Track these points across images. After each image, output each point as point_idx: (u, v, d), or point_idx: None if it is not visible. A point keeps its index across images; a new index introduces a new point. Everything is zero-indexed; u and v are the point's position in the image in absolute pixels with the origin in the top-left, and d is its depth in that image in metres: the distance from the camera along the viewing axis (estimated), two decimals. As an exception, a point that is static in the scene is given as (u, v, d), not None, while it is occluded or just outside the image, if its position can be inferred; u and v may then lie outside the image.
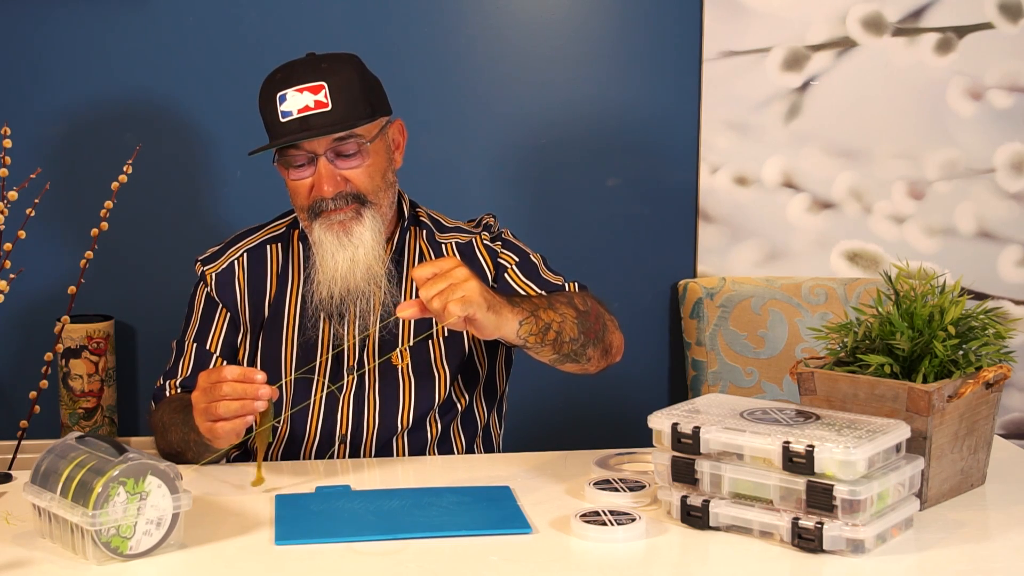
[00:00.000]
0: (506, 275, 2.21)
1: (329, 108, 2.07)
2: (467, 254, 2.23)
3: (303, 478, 2.00)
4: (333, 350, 2.17)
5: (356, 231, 2.11)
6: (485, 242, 2.25)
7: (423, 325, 2.18)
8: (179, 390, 2.19)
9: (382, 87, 2.19)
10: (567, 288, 2.21)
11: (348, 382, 2.17)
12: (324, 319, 2.16)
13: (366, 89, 2.13)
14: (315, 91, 2.08)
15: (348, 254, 2.10)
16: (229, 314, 2.22)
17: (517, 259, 2.23)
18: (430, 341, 2.19)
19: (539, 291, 2.20)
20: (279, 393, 1.92)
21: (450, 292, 1.82)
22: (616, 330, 2.15)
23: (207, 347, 2.21)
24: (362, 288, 2.12)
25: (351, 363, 2.18)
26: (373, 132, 2.13)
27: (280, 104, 2.09)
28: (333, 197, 2.09)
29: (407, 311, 1.84)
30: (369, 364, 2.17)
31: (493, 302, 1.88)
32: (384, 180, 2.16)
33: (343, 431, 2.17)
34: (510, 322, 1.91)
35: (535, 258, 2.25)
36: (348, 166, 2.11)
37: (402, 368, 2.18)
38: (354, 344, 2.17)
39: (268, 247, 2.25)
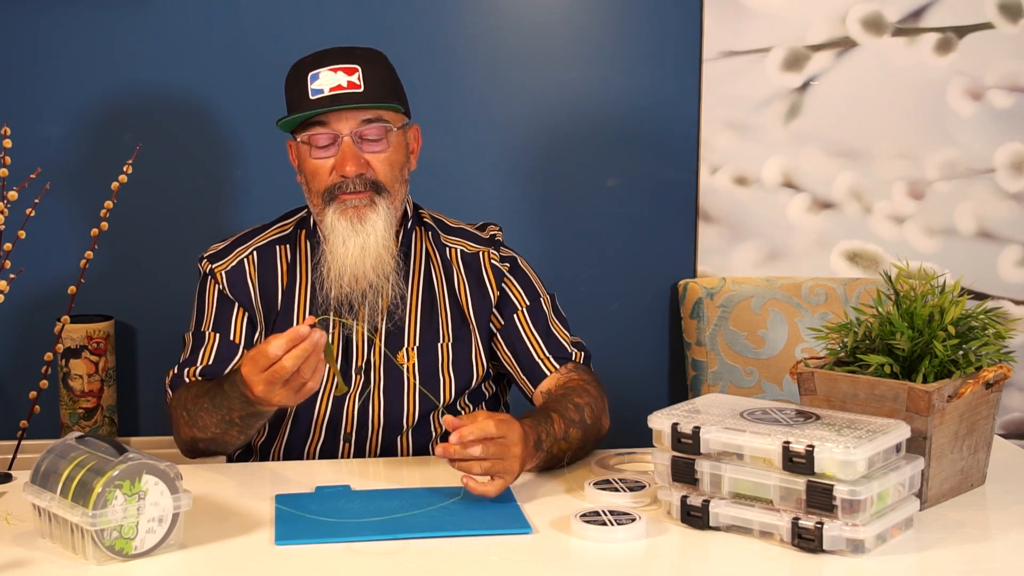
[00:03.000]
0: (515, 316, 2.20)
1: (361, 90, 2.08)
2: (472, 268, 2.22)
3: (303, 478, 2.00)
4: (344, 331, 2.16)
5: (370, 218, 2.10)
6: (493, 262, 2.23)
7: (429, 329, 2.18)
8: (199, 378, 2.15)
9: (404, 91, 2.20)
10: (572, 356, 2.19)
11: (356, 381, 2.17)
12: (334, 311, 2.14)
13: (395, 83, 2.16)
14: (349, 72, 2.09)
15: (360, 241, 2.10)
16: (247, 314, 2.19)
17: (528, 303, 2.22)
18: (438, 345, 2.19)
19: (543, 347, 2.18)
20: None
21: (500, 468, 1.82)
22: (606, 415, 2.14)
23: (231, 338, 2.18)
24: (371, 278, 2.11)
25: (359, 363, 2.17)
26: (400, 122, 2.14)
27: (311, 82, 2.09)
28: (353, 178, 2.09)
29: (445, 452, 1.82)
30: (376, 360, 2.16)
31: (523, 465, 1.88)
32: (401, 174, 2.16)
33: (348, 430, 2.17)
34: (527, 468, 1.93)
35: (545, 303, 2.23)
36: (372, 150, 2.11)
37: (408, 367, 2.18)
38: (362, 341, 2.16)
39: (277, 247, 2.23)
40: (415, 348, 2.18)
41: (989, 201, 3.02)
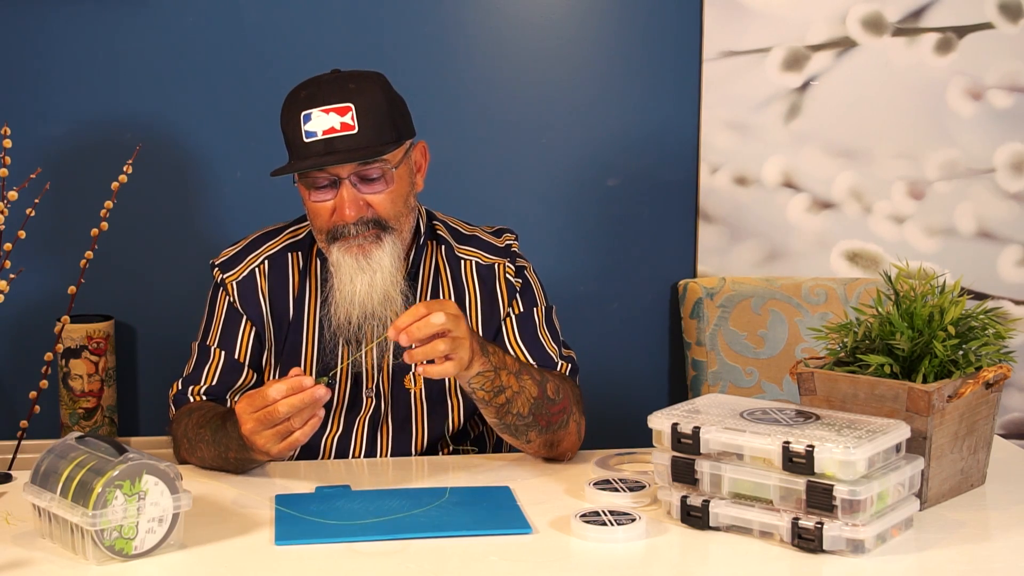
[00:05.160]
0: (503, 324, 2.18)
1: (355, 132, 2.03)
2: (487, 281, 2.19)
3: (303, 478, 2.00)
4: (352, 368, 2.14)
5: (375, 255, 2.07)
6: (508, 276, 2.20)
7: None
8: (202, 397, 2.15)
9: (407, 108, 2.15)
10: (558, 367, 2.15)
11: (366, 404, 2.16)
12: (343, 344, 2.13)
13: (392, 112, 2.09)
14: (341, 113, 2.03)
15: (366, 278, 2.06)
16: (254, 329, 2.17)
17: (521, 309, 2.18)
18: None
19: (527, 355, 2.14)
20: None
21: (454, 346, 1.82)
22: (575, 433, 2.08)
23: (236, 357, 2.16)
24: (379, 313, 2.08)
25: (369, 387, 2.15)
26: (398, 157, 2.09)
27: (304, 124, 2.04)
28: (355, 222, 2.05)
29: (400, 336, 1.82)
30: (384, 387, 2.15)
31: (473, 357, 1.88)
32: (406, 205, 2.12)
33: (356, 455, 2.16)
34: (470, 369, 1.89)
35: (538, 313, 2.19)
36: (371, 191, 2.07)
37: (415, 393, 2.16)
38: (372, 369, 2.15)
39: (289, 255, 2.20)
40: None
41: (989, 201, 3.02)
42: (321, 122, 2.03)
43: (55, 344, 2.46)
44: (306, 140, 2.04)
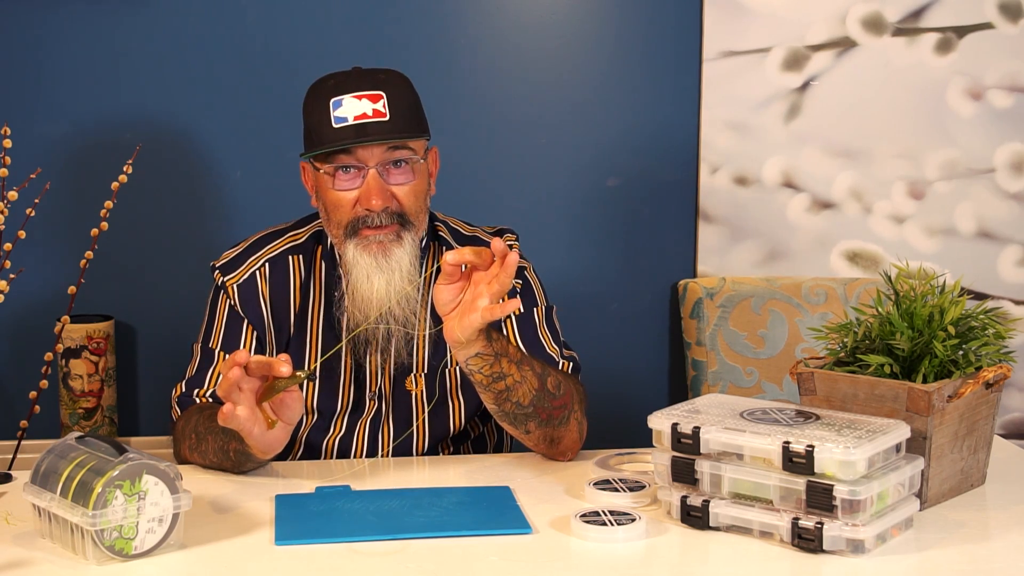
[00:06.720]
0: (503, 324, 2.16)
1: (387, 118, 2.03)
2: None
3: (303, 478, 2.00)
4: (355, 360, 2.14)
5: (395, 254, 2.05)
6: None
7: (436, 355, 2.16)
8: (209, 400, 2.13)
9: (424, 112, 2.16)
10: (559, 365, 2.14)
11: (368, 407, 2.16)
12: (346, 346, 2.12)
13: (419, 108, 2.10)
14: (374, 99, 2.03)
15: (385, 278, 2.05)
16: (255, 332, 2.16)
17: (522, 310, 2.18)
18: (446, 371, 2.17)
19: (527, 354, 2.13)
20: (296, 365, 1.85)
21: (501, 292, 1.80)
22: (576, 431, 2.06)
23: None
24: (396, 313, 2.07)
25: (373, 389, 2.16)
26: (423, 150, 2.10)
27: (334, 110, 2.03)
28: (380, 212, 2.04)
29: (456, 258, 1.80)
30: (386, 389, 2.15)
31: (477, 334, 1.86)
32: (425, 204, 2.12)
33: (358, 456, 2.16)
34: (471, 347, 1.87)
35: (538, 314, 2.19)
36: (398, 182, 2.06)
37: (416, 395, 2.17)
38: (376, 369, 2.15)
39: (290, 258, 2.19)
40: (423, 374, 2.16)
41: (989, 201, 3.03)
42: (353, 107, 2.03)
43: (55, 344, 2.46)
44: (336, 125, 2.03)
